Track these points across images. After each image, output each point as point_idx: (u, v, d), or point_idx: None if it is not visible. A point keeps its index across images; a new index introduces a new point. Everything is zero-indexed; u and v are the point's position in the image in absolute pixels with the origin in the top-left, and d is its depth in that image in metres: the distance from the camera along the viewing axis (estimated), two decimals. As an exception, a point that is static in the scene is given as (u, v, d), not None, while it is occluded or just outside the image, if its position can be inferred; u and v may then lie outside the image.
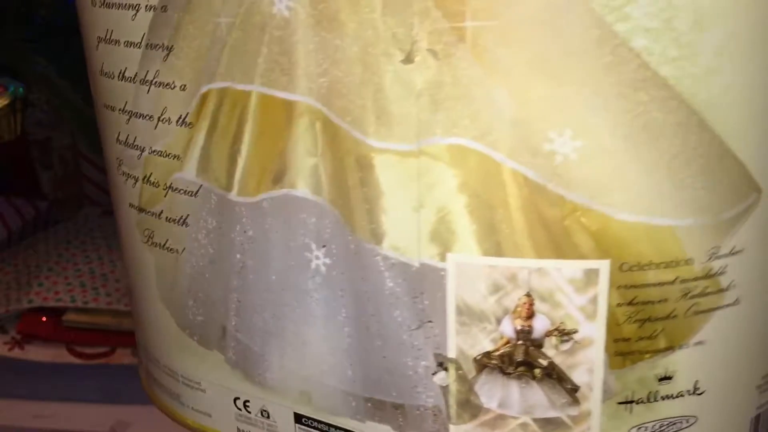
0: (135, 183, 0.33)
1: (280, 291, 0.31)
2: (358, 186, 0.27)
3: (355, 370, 0.30)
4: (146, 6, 0.29)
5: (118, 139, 0.33)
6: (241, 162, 0.29)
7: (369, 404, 0.31)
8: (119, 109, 0.32)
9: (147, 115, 0.31)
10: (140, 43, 0.30)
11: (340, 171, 0.27)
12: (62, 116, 0.52)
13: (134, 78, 0.31)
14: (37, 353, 0.57)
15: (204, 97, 0.29)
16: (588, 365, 0.27)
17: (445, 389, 0.29)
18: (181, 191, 0.32)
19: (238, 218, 0.30)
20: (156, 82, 0.30)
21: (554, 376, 0.27)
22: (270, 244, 0.30)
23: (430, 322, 0.28)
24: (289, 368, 0.32)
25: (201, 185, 0.31)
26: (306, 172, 0.28)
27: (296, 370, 0.32)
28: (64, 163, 0.82)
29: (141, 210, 0.34)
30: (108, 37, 0.32)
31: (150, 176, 0.32)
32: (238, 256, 0.31)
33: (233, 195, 0.30)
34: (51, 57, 0.52)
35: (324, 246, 0.29)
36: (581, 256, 0.25)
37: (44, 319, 0.58)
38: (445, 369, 0.28)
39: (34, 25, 0.54)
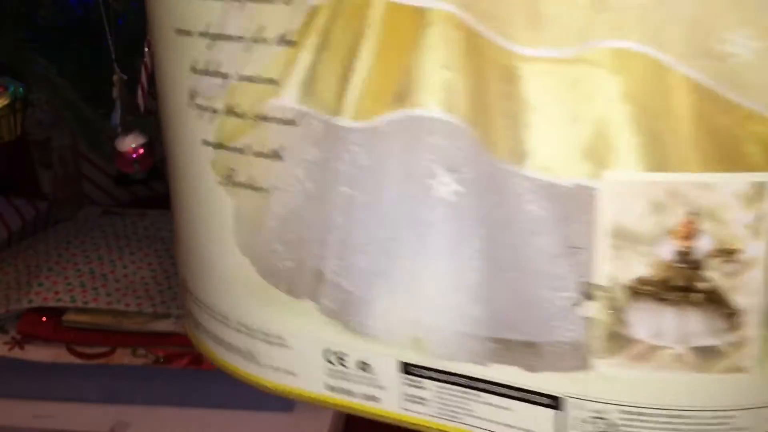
0: (213, 116, 0.30)
1: (394, 225, 0.28)
2: (501, 100, 0.25)
3: (480, 308, 0.28)
4: None
5: (193, 68, 0.30)
6: (355, 81, 0.27)
7: (494, 345, 0.28)
8: (199, 33, 0.29)
9: (237, 36, 0.28)
10: None
11: (479, 85, 0.25)
12: (62, 116, 0.52)
13: None
14: (37, 353, 0.57)
15: (313, 11, 0.27)
16: (751, 287, 0.25)
17: (589, 321, 0.26)
18: (277, 120, 0.29)
19: (347, 146, 0.28)
20: None
21: (714, 300, 0.25)
22: (385, 173, 0.27)
23: (576, 247, 0.25)
24: (397, 312, 0.29)
25: (302, 111, 0.28)
26: (437, 88, 0.25)
27: (406, 313, 0.29)
28: (64, 163, 0.82)
29: (219, 146, 0.30)
30: None
31: (235, 106, 0.29)
32: (343, 189, 0.28)
33: (343, 120, 0.27)
34: (51, 57, 0.52)
35: (454, 171, 0.26)
36: (750, 168, 0.23)
37: (44, 319, 0.58)
38: (591, 299, 0.26)
39: (34, 25, 0.54)
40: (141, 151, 0.52)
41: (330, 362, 0.32)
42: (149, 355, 0.57)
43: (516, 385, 0.29)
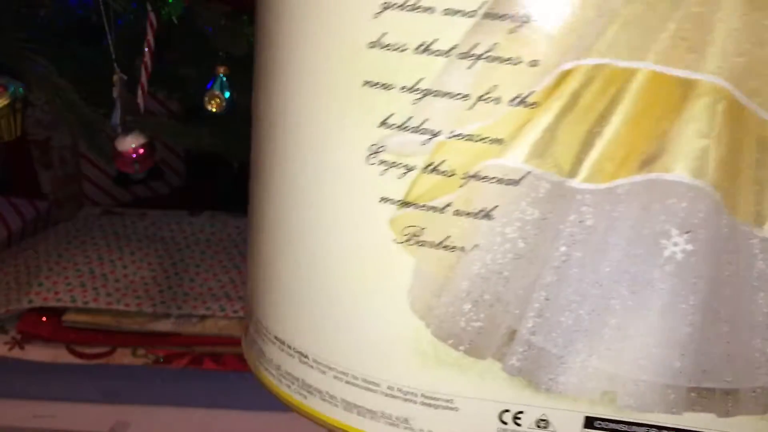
0: (405, 173, 0.29)
1: (612, 283, 0.28)
2: (752, 167, 0.26)
3: (686, 360, 0.28)
4: None
5: (385, 122, 0.28)
6: (599, 145, 0.26)
7: (693, 394, 0.29)
8: (401, 87, 0.28)
9: (459, 93, 0.27)
10: (475, 11, 0.26)
11: (733, 152, 0.26)
12: (62, 116, 0.52)
13: (448, 51, 0.27)
14: (37, 353, 0.57)
15: (564, 75, 0.26)
16: None
17: None
18: (493, 179, 0.28)
19: (575, 207, 0.27)
20: (489, 56, 0.26)
21: None
22: (613, 233, 0.27)
23: None
24: (594, 367, 0.29)
25: (527, 171, 0.27)
26: (690, 155, 0.26)
27: (604, 368, 0.29)
28: (64, 163, 0.82)
29: (406, 204, 0.29)
30: (406, 3, 0.27)
31: (440, 164, 0.28)
32: (561, 248, 0.28)
33: (576, 182, 0.27)
34: (51, 57, 0.52)
35: (688, 231, 0.27)
36: None
37: (44, 319, 0.58)
38: None
39: (34, 25, 0.54)
40: (141, 151, 0.52)
41: (503, 422, 0.31)
42: (149, 355, 0.57)
43: (707, 431, 0.30)
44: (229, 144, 0.53)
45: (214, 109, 0.51)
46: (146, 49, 0.51)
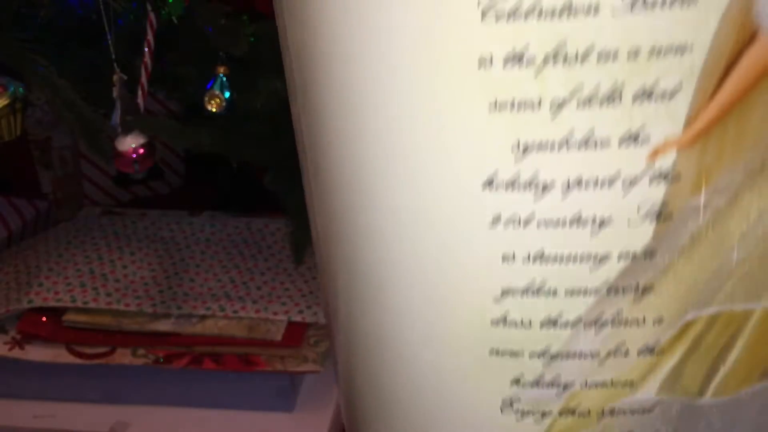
0: (541, 418, 0.30)
1: None
2: None
3: None
4: (620, 255, 0.27)
5: (517, 381, 0.29)
6: (723, 370, 0.29)
7: None
8: (531, 354, 0.29)
9: (587, 353, 0.29)
10: (597, 289, 0.27)
11: None
12: (62, 116, 0.52)
13: (574, 322, 0.28)
14: (37, 353, 0.57)
15: (687, 324, 0.28)
16: None
17: None
18: (628, 411, 0.30)
19: (704, 415, 0.30)
20: (615, 322, 0.28)
21: None
22: (737, 427, 0.30)
23: None
24: None
25: (659, 400, 0.29)
26: None
27: None
28: (64, 163, 0.82)
29: None
30: (528, 289, 0.28)
31: (575, 408, 0.30)
32: None
33: (704, 399, 0.29)
34: (51, 57, 0.52)
35: None
36: None
37: (44, 319, 0.58)
38: None
39: (34, 25, 0.54)
40: (141, 151, 0.52)
41: None
42: (149, 355, 0.57)
43: None
44: (229, 144, 0.53)
45: (214, 109, 0.51)
46: (146, 49, 0.51)
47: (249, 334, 0.57)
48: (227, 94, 0.51)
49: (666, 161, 0.25)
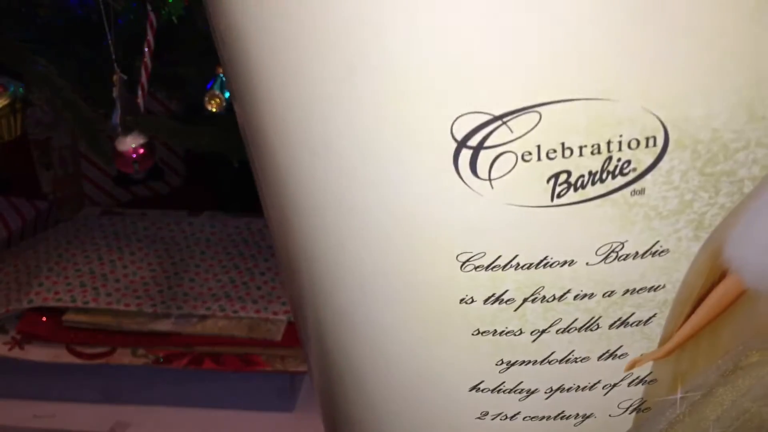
0: None
1: None
2: None
3: None
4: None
5: None
6: None
7: None
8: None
9: None
10: None
11: None
12: (62, 116, 0.52)
13: None
14: (37, 353, 0.57)
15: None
16: None
17: None
18: None
19: None
20: None
21: None
22: None
23: None
24: None
25: None
26: None
27: None
28: (64, 163, 0.82)
29: None
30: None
31: None
32: None
33: None
34: (51, 57, 0.52)
35: None
36: None
37: (44, 319, 0.58)
38: None
39: (34, 25, 0.54)
40: (141, 151, 0.52)
41: None
42: (149, 355, 0.57)
43: None
44: (229, 144, 0.53)
45: (214, 109, 0.51)
46: (146, 49, 0.51)
47: (249, 334, 0.57)
48: (227, 94, 0.51)
49: (643, 370, 0.27)
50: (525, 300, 0.25)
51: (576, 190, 0.23)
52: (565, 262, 0.25)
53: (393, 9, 0.21)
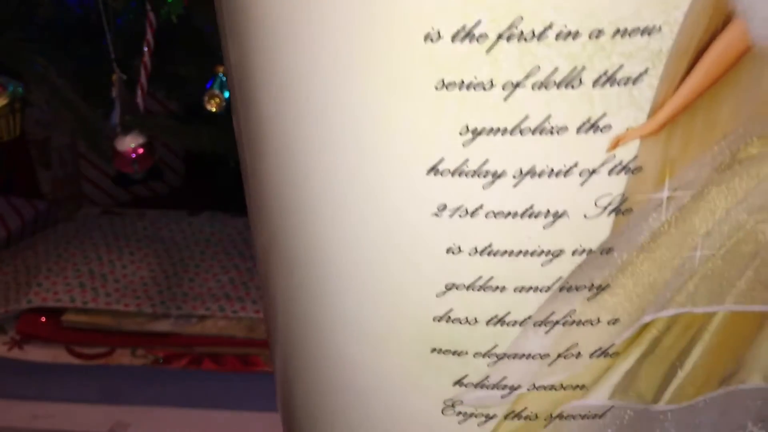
0: (484, 422, 0.28)
1: None
2: None
3: None
4: (575, 251, 0.25)
5: (460, 382, 0.28)
6: (681, 375, 0.27)
7: None
8: (476, 353, 0.27)
9: (536, 354, 0.27)
10: (548, 287, 0.26)
11: None
12: (61, 116, 0.52)
13: (522, 321, 0.26)
14: (37, 353, 0.57)
15: (643, 326, 0.27)
16: None
17: None
18: (577, 417, 0.28)
19: (659, 423, 0.28)
20: (567, 322, 0.26)
21: None
22: None
23: None
24: None
25: (611, 406, 0.28)
26: (764, 365, 0.27)
27: None
28: (64, 163, 0.82)
29: None
30: (474, 284, 0.26)
31: (521, 411, 0.28)
32: None
33: (659, 406, 0.28)
34: (50, 57, 0.52)
35: (763, 420, 0.28)
36: None
37: (43, 319, 0.58)
38: None
39: (33, 24, 0.54)
40: (140, 151, 0.52)
41: None
42: (148, 356, 0.57)
43: None
44: (229, 144, 0.53)
45: (213, 109, 0.51)
46: (146, 49, 0.50)
47: (249, 334, 0.56)
48: (227, 94, 0.51)
49: (627, 152, 0.23)
50: (499, 37, 0.22)
51: None
52: None
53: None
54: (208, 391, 0.57)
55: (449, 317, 0.26)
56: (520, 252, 0.25)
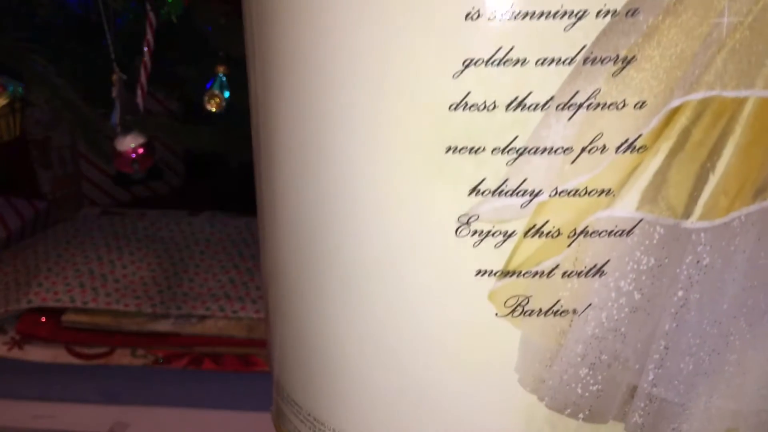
0: (503, 240, 0.26)
1: (731, 319, 0.27)
2: None
3: None
4: (599, 12, 0.23)
5: (477, 189, 0.26)
6: (713, 180, 0.25)
7: None
8: (495, 149, 0.25)
9: (560, 147, 0.25)
10: (572, 59, 0.24)
11: None
12: (61, 116, 0.52)
13: (545, 104, 0.24)
14: (37, 353, 0.57)
15: (672, 113, 0.25)
16: None
17: None
18: (603, 233, 0.26)
19: (691, 248, 0.26)
20: (591, 104, 0.24)
21: None
22: (729, 269, 0.26)
23: None
24: (717, 408, 0.28)
25: (641, 219, 0.26)
26: None
27: (726, 406, 0.28)
28: (64, 163, 0.82)
29: (508, 274, 0.27)
30: (493, 57, 0.24)
31: (543, 226, 0.26)
32: (679, 293, 0.27)
33: (691, 221, 0.26)
34: (50, 56, 0.52)
35: None
36: None
37: (43, 319, 0.58)
38: None
39: (33, 24, 0.54)
40: (140, 151, 0.52)
41: None
42: (148, 356, 0.57)
43: None
44: (228, 144, 0.53)
45: (213, 109, 0.51)
46: (145, 49, 0.50)
47: (249, 334, 0.56)
48: (227, 94, 0.51)
49: None
50: None
51: None
52: None
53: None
54: (208, 391, 0.57)
55: (466, 103, 0.25)
56: (542, 14, 0.24)
